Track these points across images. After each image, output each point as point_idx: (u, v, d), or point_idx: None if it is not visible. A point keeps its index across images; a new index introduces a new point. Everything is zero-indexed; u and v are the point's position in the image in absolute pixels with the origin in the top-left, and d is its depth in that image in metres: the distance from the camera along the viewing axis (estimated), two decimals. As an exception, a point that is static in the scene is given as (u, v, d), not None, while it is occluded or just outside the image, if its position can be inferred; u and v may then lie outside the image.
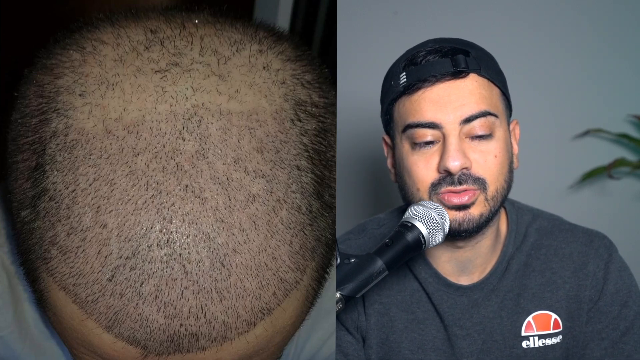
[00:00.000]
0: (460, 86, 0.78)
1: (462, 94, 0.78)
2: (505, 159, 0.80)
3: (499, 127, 0.80)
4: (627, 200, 1.43)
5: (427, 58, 0.79)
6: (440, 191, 0.79)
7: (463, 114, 0.78)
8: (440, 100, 0.78)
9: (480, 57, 0.80)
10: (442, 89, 0.78)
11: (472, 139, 0.79)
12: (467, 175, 0.78)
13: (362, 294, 0.71)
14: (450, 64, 0.78)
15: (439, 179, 0.79)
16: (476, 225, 0.80)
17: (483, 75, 0.79)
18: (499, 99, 0.81)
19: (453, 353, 0.87)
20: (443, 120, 0.78)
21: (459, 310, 0.87)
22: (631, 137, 1.39)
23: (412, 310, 0.88)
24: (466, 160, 0.78)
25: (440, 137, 0.78)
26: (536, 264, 0.88)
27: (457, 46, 0.80)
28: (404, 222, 0.75)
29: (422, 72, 0.78)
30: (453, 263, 0.86)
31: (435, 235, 0.75)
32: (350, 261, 0.71)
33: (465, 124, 0.78)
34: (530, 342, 0.86)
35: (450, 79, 0.78)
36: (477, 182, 0.78)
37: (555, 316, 0.87)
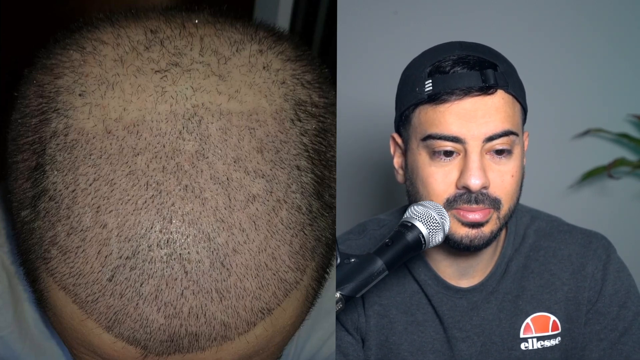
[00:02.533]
0: (487, 102, 0.77)
1: (488, 110, 0.77)
2: (519, 176, 0.80)
3: (517, 144, 0.79)
4: (627, 200, 1.43)
5: (455, 69, 0.77)
6: (455, 207, 0.78)
7: (487, 132, 0.77)
8: (466, 115, 0.77)
9: (507, 72, 0.79)
10: (470, 103, 0.77)
11: (492, 154, 0.78)
12: (484, 195, 0.78)
13: (362, 294, 0.71)
14: (479, 79, 0.77)
15: (455, 195, 0.78)
16: (486, 242, 0.80)
17: (509, 92, 0.78)
18: (520, 115, 0.81)
19: (452, 355, 0.87)
20: (467, 136, 0.77)
21: (459, 313, 0.87)
22: (631, 136, 1.39)
23: (412, 312, 0.88)
24: (486, 180, 0.77)
25: (461, 151, 0.78)
26: (534, 265, 0.88)
27: (485, 57, 0.79)
28: (404, 222, 0.75)
29: (450, 83, 0.77)
30: (454, 267, 0.86)
31: (436, 235, 0.75)
32: (350, 261, 0.71)
33: (487, 142, 0.77)
34: (529, 344, 0.86)
35: (478, 95, 0.77)
36: (493, 203, 0.78)
37: (554, 318, 0.87)
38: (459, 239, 0.79)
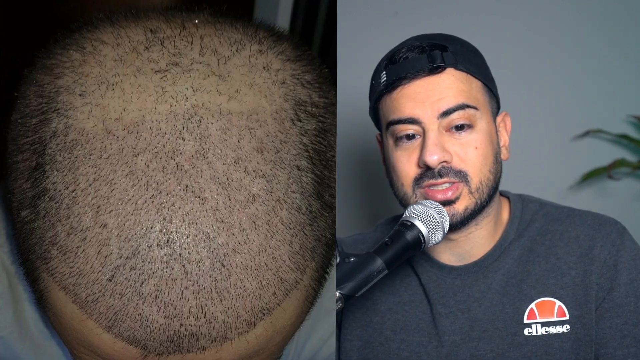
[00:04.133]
0: (437, 81, 0.79)
1: (439, 88, 0.79)
2: (488, 150, 0.81)
3: (480, 119, 0.80)
4: (627, 201, 1.43)
5: (406, 55, 0.80)
6: (423, 185, 0.80)
7: (440, 108, 0.79)
8: (417, 96, 0.79)
9: (458, 51, 0.81)
10: (419, 85, 0.79)
11: (452, 131, 0.79)
12: (447, 168, 0.79)
13: (362, 292, 0.71)
14: (426, 61, 0.79)
15: (420, 173, 0.80)
16: (461, 220, 0.80)
17: (460, 69, 0.80)
18: (480, 91, 0.82)
19: (437, 333, 0.86)
20: (421, 116, 0.79)
21: (444, 289, 0.87)
22: (631, 137, 1.39)
23: (399, 294, 0.89)
24: (445, 154, 0.78)
25: (421, 132, 0.80)
26: (541, 249, 0.86)
27: (435, 42, 0.81)
28: (403, 221, 0.75)
29: (400, 69, 0.80)
30: (449, 253, 0.86)
31: (435, 234, 0.75)
32: (350, 260, 0.71)
33: (443, 118, 0.79)
34: (533, 329, 0.85)
35: (427, 75, 0.79)
36: (459, 175, 0.79)
37: (560, 303, 0.84)
38: None
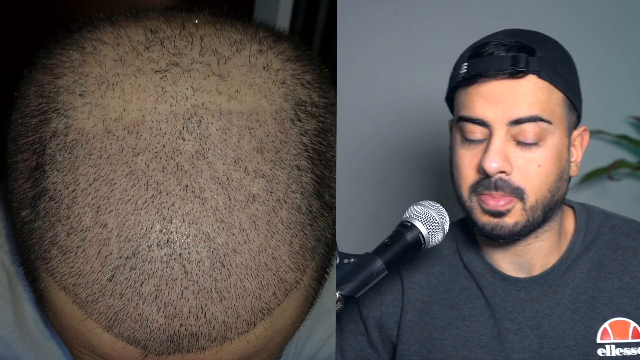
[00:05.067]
0: (515, 86, 0.75)
1: (515, 94, 0.75)
2: (553, 168, 0.77)
3: (551, 134, 0.76)
4: (627, 202, 1.43)
5: (491, 51, 0.76)
6: (477, 192, 0.77)
7: (512, 115, 0.75)
8: (492, 97, 0.75)
9: (545, 58, 0.76)
10: (497, 86, 0.75)
11: (519, 142, 0.75)
12: (504, 181, 0.75)
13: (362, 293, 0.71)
14: (509, 62, 0.75)
15: (478, 180, 0.77)
16: (509, 233, 0.77)
17: (543, 78, 0.75)
18: (560, 104, 0.77)
19: (503, 349, 0.83)
20: (491, 118, 0.75)
21: (512, 304, 0.83)
22: (631, 138, 1.39)
23: (458, 307, 0.85)
24: (506, 164, 0.75)
25: (487, 135, 0.76)
26: (613, 265, 0.82)
27: (524, 42, 0.76)
28: (403, 221, 0.75)
29: (481, 65, 0.76)
30: (508, 261, 0.83)
31: (435, 235, 0.75)
32: (349, 261, 0.71)
33: (513, 126, 0.75)
34: (607, 350, 0.81)
35: (506, 78, 0.75)
36: (515, 192, 0.76)
37: (635, 324, 0.81)
38: (480, 226, 0.78)
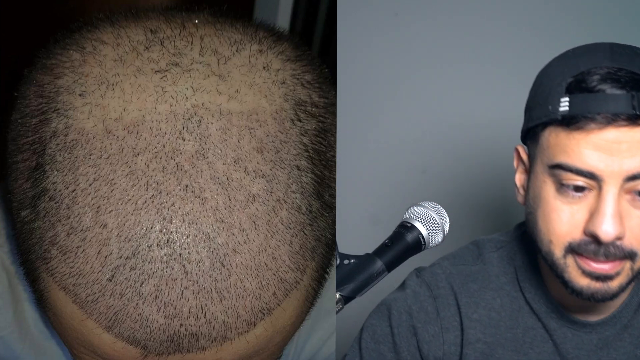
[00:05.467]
0: (634, 133, 0.62)
1: (636, 144, 0.63)
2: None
3: None
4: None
5: (601, 87, 0.63)
6: (577, 253, 0.66)
7: (631, 169, 0.63)
8: (607, 148, 0.62)
9: None
10: (613, 133, 0.62)
11: (632, 197, 0.64)
12: (617, 247, 0.64)
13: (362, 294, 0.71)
14: (629, 103, 0.62)
15: (580, 241, 0.65)
16: (610, 296, 0.67)
17: None
18: None
19: None
20: (605, 173, 0.63)
21: (585, 352, 0.74)
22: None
23: (525, 351, 0.76)
24: (622, 230, 0.63)
25: (595, 188, 0.64)
26: None
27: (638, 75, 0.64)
28: (403, 222, 0.74)
29: (591, 105, 0.62)
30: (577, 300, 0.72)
31: (435, 236, 0.75)
32: (349, 262, 0.71)
33: (629, 182, 0.63)
34: None
35: (625, 124, 0.62)
36: (628, 256, 0.65)
37: None
38: (578, 290, 0.67)
